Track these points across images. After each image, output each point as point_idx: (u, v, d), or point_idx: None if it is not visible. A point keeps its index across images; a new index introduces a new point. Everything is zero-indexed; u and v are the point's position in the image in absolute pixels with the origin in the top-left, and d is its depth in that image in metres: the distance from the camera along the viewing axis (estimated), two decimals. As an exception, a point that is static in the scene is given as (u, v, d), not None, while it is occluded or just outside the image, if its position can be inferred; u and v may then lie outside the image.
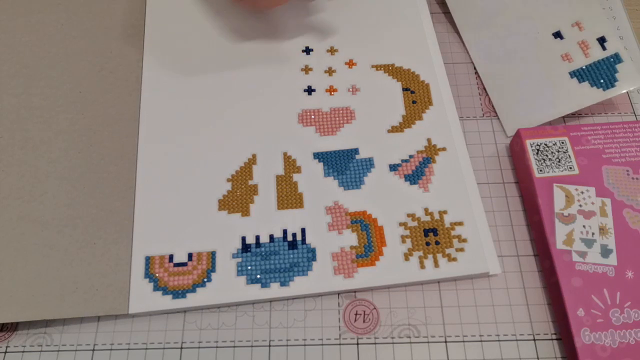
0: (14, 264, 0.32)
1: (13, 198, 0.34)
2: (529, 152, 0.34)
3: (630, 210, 0.32)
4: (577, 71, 0.37)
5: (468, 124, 0.38)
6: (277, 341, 0.31)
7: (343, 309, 0.32)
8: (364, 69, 0.39)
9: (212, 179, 0.35)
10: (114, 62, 0.39)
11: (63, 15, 0.41)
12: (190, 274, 0.32)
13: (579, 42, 0.38)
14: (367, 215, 0.34)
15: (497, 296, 0.32)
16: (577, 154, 0.34)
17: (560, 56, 0.38)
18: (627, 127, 0.35)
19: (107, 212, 0.34)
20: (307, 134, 0.37)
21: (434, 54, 0.40)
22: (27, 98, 0.38)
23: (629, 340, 0.29)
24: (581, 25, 0.38)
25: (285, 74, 0.39)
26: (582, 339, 0.29)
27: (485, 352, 0.31)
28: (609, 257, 0.31)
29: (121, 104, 0.38)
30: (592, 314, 0.30)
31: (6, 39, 0.40)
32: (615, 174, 0.34)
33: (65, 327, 0.32)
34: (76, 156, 0.36)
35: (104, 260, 0.32)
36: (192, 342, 0.31)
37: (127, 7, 0.42)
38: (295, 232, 0.33)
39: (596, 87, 0.37)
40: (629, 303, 0.30)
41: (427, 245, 0.33)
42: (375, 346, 0.31)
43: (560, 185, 0.33)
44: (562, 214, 0.32)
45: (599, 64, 0.37)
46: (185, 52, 0.40)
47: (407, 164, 0.36)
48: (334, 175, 0.35)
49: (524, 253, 0.34)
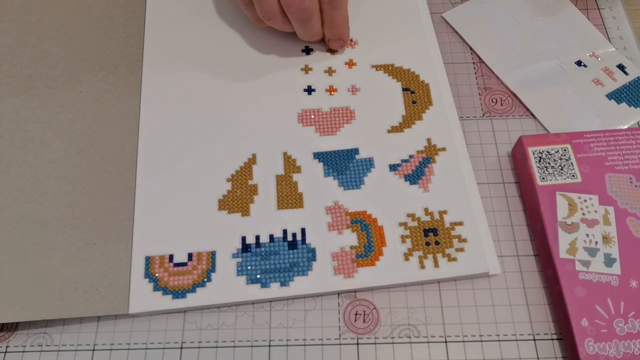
0: (14, 264, 0.32)
1: (13, 198, 0.34)
2: (531, 160, 0.34)
3: (634, 218, 0.32)
4: (613, 93, 0.38)
5: (468, 124, 0.38)
6: (277, 341, 0.31)
7: (343, 309, 0.32)
8: (364, 69, 0.39)
9: (212, 179, 0.35)
10: (114, 62, 0.39)
11: (63, 15, 0.41)
12: (190, 274, 0.32)
13: (603, 69, 0.39)
14: (367, 215, 0.34)
15: (497, 296, 0.32)
16: (580, 161, 0.34)
17: (592, 81, 0.39)
18: (629, 134, 0.35)
19: (107, 212, 0.34)
20: (307, 134, 0.37)
21: (434, 53, 0.40)
22: (27, 98, 0.38)
23: (633, 351, 0.29)
24: (597, 55, 0.40)
25: (285, 74, 0.39)
26: (586, 349, 0.29)
27: (485, 352, 0.31)
28: (613, 266, 0.31)
29: (121, 104, 0.38)
30: (596, 324, 0.29)
31: (6, 39, 0.40)
32: (619, 181, 0.33)
33: (65, 327, 0.32)
34: (76, 156, 0.36)
35: (104, 260, 0.32)
36: (192, 342, 0.31)
37: (127, 7, 0.42)
38: (295, 232, 0.33)
39: (634, 106, 0.38)
40: (633, 313, 0.30)
41: (427, 245, 0.33)
42: (375, 346, 0.31)
43: (563, 193, 0.33)
44: (565, 222, 0.32)
45: (630, 86, 0.38)
46: (185, 52, 0.40)
47: (407, 164, 0.36)
48: (334, 175, 0.35)
49: (524, 253, 0.34)
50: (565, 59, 0.40)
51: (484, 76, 0.40)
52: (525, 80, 0.39)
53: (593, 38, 0.41)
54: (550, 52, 0.41)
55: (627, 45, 0.41)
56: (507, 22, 0.42)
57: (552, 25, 0.42)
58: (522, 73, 0.40)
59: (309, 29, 0.36)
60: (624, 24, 0.42)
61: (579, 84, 0.39)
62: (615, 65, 0.40)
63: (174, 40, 0.40)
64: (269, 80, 0.39)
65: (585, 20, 0.42)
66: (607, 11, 0.43)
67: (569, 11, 0.43)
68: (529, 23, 0.42)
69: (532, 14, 0.42)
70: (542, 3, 0.43)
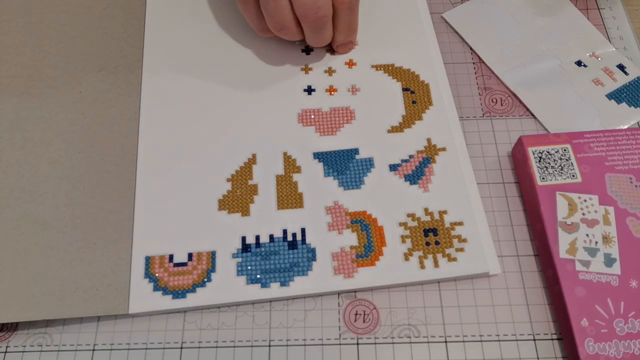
0: (14, 264, 0.32)
1: (13, 198, 0.34)
2: (531, 160, 0.34)
3: (634, 218, 0.32)
4: (613, 93, 0.38)
5: (468, 124, 0.38)
6: (277, 341, 0.31)
7: (343, 309, 0.32)
8: (364, 69, 0.39)
9: (212, 179, 0.35)
10: (114, 62, 0.39)
11: (63, 15, 0.41)
12: (190, 274, 0.32)
13: (603, 69, 0.39)
14: (367, 215, 0.34)
15: (497, 296, 0.32)
16: (580, 161, 0.34)
17: (592, 81, 0.39)
18: (629, 134, 0.35)
19: (107, 212, 0.34)
20: (307, 134, 0.37)
21: (434, 53, 0.40)
22: (27, 98, 0.38)
23: (633, 351, 0.29)
24: (597, 55, 0.40)
25: (285, 74, 0.39)
26: (586, 349, 0.29)
27: (485, 352, 0.31)
28: (613, 266, 0.31)
29: (121, 104, 0.38)
30: (596, 324, 0.29)
31: (6, 39, 0.40)
32: (619, 181, 0.33)
33: (65, 327, 0.32)
34: (76, 156, 0.36)
35: (104, 260, 0.32)
36: (192, 342, 0.31)
37: (127, 7, 0.42)
38: (295, 232, 0.33)
39: (634, 106, 0.38)
40: (633, 313, 0.30)
41: (427, 245, 0.33)
42: (375, 346, 0.31)
43: (562, 193, 0.33)
44: (565, 222, 0.32)
45: (630, 85, 0.38)
46: (185, 52, 0.40)
47: (407, 164, 0.36)
48: (334, 175, 0.35)
49: (524, 253, 0.34)
50: (565, 59, 0.40)
51: (484, 76, 0.40)
52: (525, 80, 0.39)
53: (593, 38, 0.41)
54: (550, 52, 0.41)
55: (627, 45, 0.41)
56: (507, 22, 0.42)
57: (552, 25, 0.42)
58: (522, 73, 0.40)
59: (322, 36, 0.36)
60: (624, 24, 0.42)
61: (579, 84, 0.39)
62: (615, 65, 0.40)
63: (174, 40, 0.40)
64: (269, 80, 0.39)
65: (585, 20, 0.42)
66: (607, 11, 0.43)
67: (569, 11, 0.43)
68: (529, 23, 0.42)
69: (532, 14, 0.42)
70: (542, 3, 0.43)
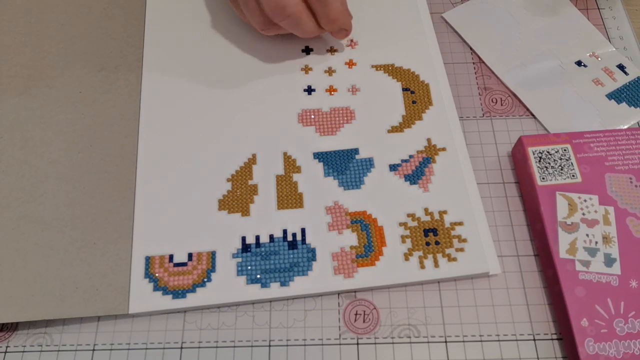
0: (14, 264, 0.32)
1: (13, 198, 0.34)
2: (531, 160, 0.34)
3: (634, 218, 0.32)
4: (613, 93, 0.38)
5: (468, 124, 0.38)
6: (277, 341, 0.31)
7: (343, 309, 0.32)
8: (363, 69, 0.39)
9: (212, 179, 0.35)
10: (114, 62, 0.39)
11: (63, 15, 0.41)
12: (190, 274, 0.32)
13: (603, 69, 0.39)
14: (367, 215, 0.34)
15: (497, 296, 0.32)
16: (580, 161, 0.34)
17: (592, 81, 0.39)
18: (629, 134, 0.35)
19: (107, 212, 0.34)
20: (307, 134, 0.37)
21: (434, 53, 0.40)
22: (27, 98, 0.38)
23: (633, 351, 0.29)
24: (597, 55, 0.40)
25: (285, 74, 0.39)
26: (586, 349, 0.29)
27: (485, 352, 0.31)
28: (613, 266, 0.31)
29: (121, 104, 0.38)
30: (596, 324, 0.29)
31: (6, 39, 0.40)
32: (618, 181, 0.33)
33: (65, 327, 0.32)
34: (76, 156, 0.36)
35: (104, 260, 0.32)
36: (192, 342, 0.31)
37: (127, 7, 0.42)
38: (295, 232, 0.33)
39: (634, 106, 0.38)
40: (633, 313, 0.30)
41: (427, 245, 0.33)
42: (375, 346, 0.31)
43: (562, 193, 0.33)
44: (565, 222, 0.32)
45: (630, 85, 0.38)
46: (185, 52, 0.40)
47: (407, 164, 0.36)
48: (334, 175, 0.35)
49: (524, 253, 0.34)
50: (565, 59, 0.40)
51: (484, 76, 0.40)
52: (525, 80, 0.39)
53: (593, 38, 0.41)
54: (550, 52, 0.41)
55: (627, 45, 0.41)
56: (507, 22, 0.42)
57: (552, 25, 0.42)
58: (522, 73, 0.40)
59: (303, 30, 0.36)
60: (624, 24, 0.42)
61: (579, 84, 0.39)
62: (615, 65, 0.40)
63: (174, 40, 0.40)
64: (269, 80, 0.39)
65: (585, 20, 0.42)
66: (607, 11, 0.43)
67: (569, 11, 0.43)
68: (529, 23, 0.42)
69: (532, 14, 0.42)
70: (542, 3, 0.43)
